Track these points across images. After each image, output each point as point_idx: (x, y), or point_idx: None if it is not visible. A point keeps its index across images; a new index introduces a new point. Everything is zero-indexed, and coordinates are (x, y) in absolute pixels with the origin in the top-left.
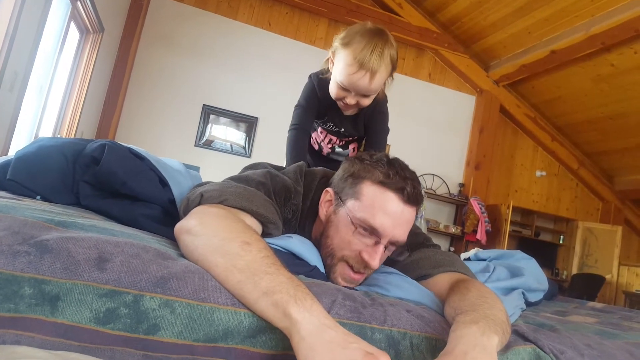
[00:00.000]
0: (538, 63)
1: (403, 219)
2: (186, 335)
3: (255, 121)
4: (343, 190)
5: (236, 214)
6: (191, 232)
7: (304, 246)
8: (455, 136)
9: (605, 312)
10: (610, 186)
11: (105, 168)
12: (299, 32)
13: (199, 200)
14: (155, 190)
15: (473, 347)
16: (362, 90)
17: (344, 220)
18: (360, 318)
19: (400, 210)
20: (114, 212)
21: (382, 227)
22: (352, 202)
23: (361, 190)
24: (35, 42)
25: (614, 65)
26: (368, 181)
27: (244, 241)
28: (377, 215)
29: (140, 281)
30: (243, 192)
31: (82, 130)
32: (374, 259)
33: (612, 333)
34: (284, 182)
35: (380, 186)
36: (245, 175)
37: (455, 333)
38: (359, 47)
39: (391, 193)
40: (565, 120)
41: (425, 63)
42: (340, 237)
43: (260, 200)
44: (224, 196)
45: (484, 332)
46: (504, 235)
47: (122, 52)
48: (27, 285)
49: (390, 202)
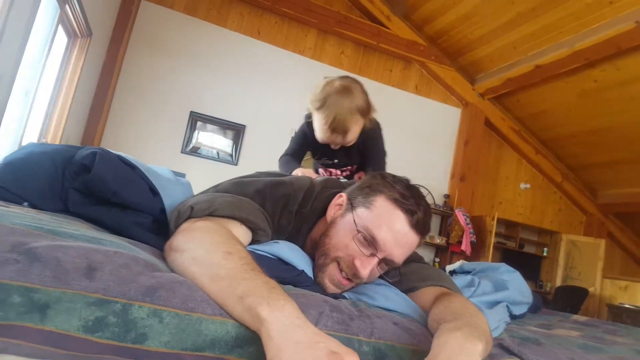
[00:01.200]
0: (523, 77)
1: (405, 241)
2: (174, 345)
3: (242, 129)
4: (356, 197)
5: (225, 223)
6: (178, 249)
7: (291, 251)
8: (441, 148)
9: (588, 326)
10: (593, 199)
11: (96, 176)
12: (288, 42)
13: (189, 213)
14: (146, 199)
15: (457, 353)
16: (340, 144)
17: (349, 224)
18: (347, 330)
19: (405, 232)
20: (104, 220)
21: (383, 241)
22: (361, 210)
23: (374, 202)
24: (22, 46)
25: (597, 81)
26: (383, 195)
27: (226, 251)
28: (382, 228)
29: (129, 290)
30: (232, 200)
31: (68, 135)
32: (365, 268)
33: (596, 347)
34: (285, 191)
35: (393, 203)
36: (248, 181)
37: (439, 339)
38: (328, 113)
39: (401, 213)
40: (550, 134)
41: (412, 75)
42: (339, 239)
43: (250, 208)
44: (214, 206)
45: (468, 338)
46: (489, 247)
47: (109, 57)
48: (16, 294)
49: (398, 221)
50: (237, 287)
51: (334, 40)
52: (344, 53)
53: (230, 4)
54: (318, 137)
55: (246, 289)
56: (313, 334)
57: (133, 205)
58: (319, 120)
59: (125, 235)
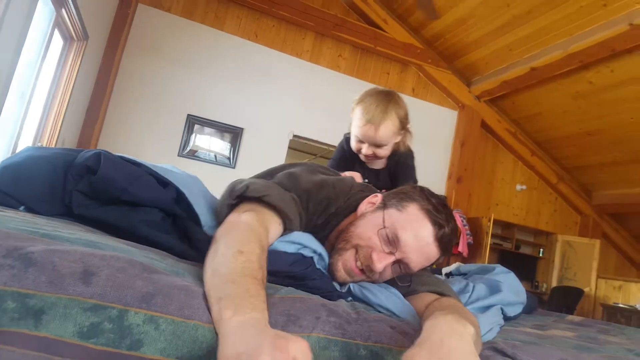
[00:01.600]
0: (518, 79)
1: (425, 251)
2: (170, 352)
3: (240, 132)
4: (390, 199)
5: (268, 215)
6: (215, 239)
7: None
8: (438, 150)
9: (583, 326)
10: (588, 200)
11: (103, 176)
12: (285, 45)
13: (243, 190)
14: (157, 191)
15: (449, 334)
16: (371, 139)
17: (377, 219)
18: (344, 334)
19: (428, 242)
20: (111, 219)
21: (405, 242)
22: (393, 210)
23: (406, 207)
24: (18, 49)
25: (592, 83)
26: (417, 204)
27: (238, 250)
28: (407, 230)
29: (125, 296)
30: (284, 197)
31: (64, 138)
32: (381, 262)
33: (590, 347)
34: (328, 194)
35: (424, 212)
36: (297, 177)
37: (428, 322)
38: (366, 105)
39: (429, 223)
40: (545, 136)
41: (409, 78)
42: (364, 229)
43: (294, 209)
44: (266, 193)
45: (459, 320)
46: (485, 248)
47: (106, 61)
48: (10, 299)
49: (424, 230)
50: (223, 287)
51: (332, 43)
52: (342, 56)
53: (228, 7)
54: (353, 133)
55: (227, 292)
56: (265, 327)
57: (144, 201)
58: (357, 113)
59: (133, 234)
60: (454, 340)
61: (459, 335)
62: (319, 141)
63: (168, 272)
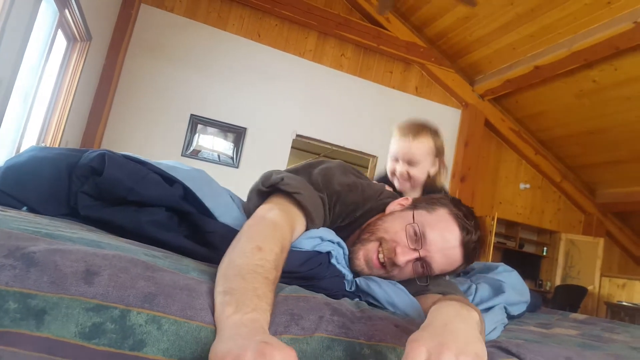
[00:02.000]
0: (522, 78)
1: (449, 254)
2: (172, 353)
3: (243, 131)
4: (420, 202)
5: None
6: (242, 231)
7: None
8: None
9: (587, 324)
10: (592, 199)
11: (109, 177)
12: (288, 44)
13: (277, 181)
14: (165, 189)
15: (453, 317)
16: (406, 154)
17: (405, 216)
18: (348, 334)
19: (454, 245)
20: (117, 220)
21: (431, 241)
22: (422, 211)
23: (436, 210)
24: (21, 50)
25: (596, 82)
26: (446, 209)
27: (258, 245)
28: (435, 230)
29: (128, 296)
30: (315, 200)
31: (67, 139)
32: (404, 257)
33: (594, 345)
34: (356, 199)
35: (453, 217)
36: (330, 177)
37: (434, 307)
38: (404, 124)
39: (457, 228)
40: (549, 135)
41: (412, 77)
42: (391, 224)
43: (320, 212)
44: (299, 190)
45: (464, 306)
46: (489, 247)
47: (109, 61)
48: (11, 300)
49: (452, 233)
50: (232, 281)
51: (334, 42)
52: (345, 55)
53: (230, 6)
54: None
55: (234, 286)
56: (255, 330)
57: (152, 199)
58: (394, 132)
59: (140, 234)
60: (457, 323)
61: (462, 319)
62: (322, 140)
63: (172, 269)
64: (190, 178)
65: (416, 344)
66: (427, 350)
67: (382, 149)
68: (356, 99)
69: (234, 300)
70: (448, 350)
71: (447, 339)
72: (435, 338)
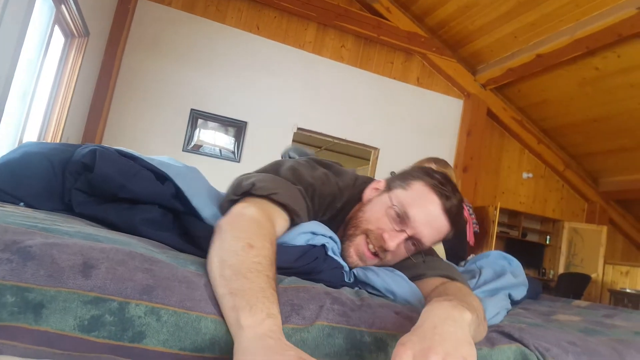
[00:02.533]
0: (524, 67)
1: (436, 224)
2: (172, 344)
3: (244, 125)
4: (394, 181)
5: (275, 211)
6: (220, 229)
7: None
8: (443, 139)
9: (589, 310)
10: (595, 187)
11: (100, 174)
12: (287, 36)
13: (249, 188)
14: (156, 187)
15: (443, 320)
16: None
17: (383, 201)
18: (349, 322)
19: (437, 215)
20: (111, 218)
21: (414, 217)
22: (398, 190)
23: (411, 185)
24: (18, 47)
25: (598, 69)
26: (421, 181)
27: (248, 243)
28: (415, 206)
29: (126, 288)
30: (291, 193)
31: (68, 135)
32: (393, 240)
33: (596, 330)
34: (332, 190)
35: (429, 187)
36: (300, 172)
37: (425, 308)
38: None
39: (436, 197)
40: (551, 123)
41: (413, 67)
42: (372, 213)
43: (302, 204)
44: (274, 190)
45: (456, 307)
46: (492, 237)
47: (108, 57)
48: (9, 294)
49: (432, 203)
50: (234, 281)
51: (334, 33)
52: (345, 46)
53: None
54: None
55: (240, 287)
56: (284, 343)
57: (143, 197)
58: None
59: (134, 233)
60: (447, 326)
61: (453, 321)
62: (323, 133)
63: (170, 262)
64: (181, 176)
65: (402, 348)
66: (412, 354)
67: (383, 141)
68: (357, 90)
69: (244, 304)
70: (435, 354)
71: (435, 342)
72: (423, 341)
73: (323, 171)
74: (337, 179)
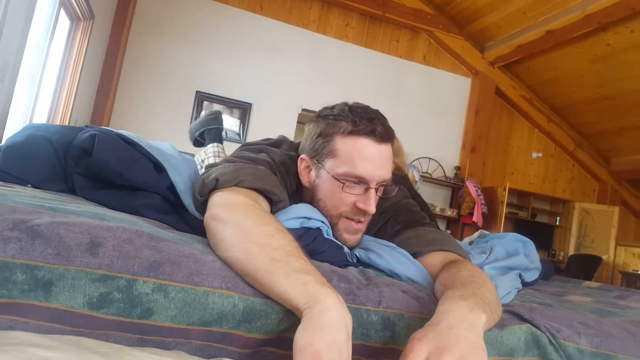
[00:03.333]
0: (534, 43)
1: (382, 159)
2: (180, 320)
3: (249, 107)
4: (317, 152)
5: (253, 196)
6: (222, 218)
7: (307, 208)
8: (451, 119)
9: (601, 291)
10: (606, 167)
11: (97, 159)
12: (291, 16)
13: (214, 184)
14: (152, 178)
15: (460, 322)
16: None
17: (329, 181)
18: (355, 300)
19: (378, 151)
20: (112, 204)
21: (366, 172)
22: (330, 161)
23: (335, 146)
24: (25, 31)
25: (611, 45)
26: (338, 135)
27: (278, 228)
28: (357, 164)
29: (133, 266)
30: (256, 172)
31: (76, 118)
32: (370, 205)
33: (609, 311)
34: (281, 156)
35: (351, 136)
36: (248, 156)
37: (442, 306)
38: None
39: (364, 139)
40: (561, 102)
41: (419, 45)
42: (331, 198)
43: (272, 180)
44: (240, 178)
45: (472, 309)
46: (500, 218)
47: (113, 39)
48: (19, 272)
49: (366, 147)
50: (294, 261)
51: (339, 12)
52: (349, 25)
53: None
54: None
55: (304, 267)
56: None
57: (139, 185)
58: None
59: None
60: (462, 329)
61: (468, 325)
62: None
63: (176, 240)
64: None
65: (418, 343)
66: (428, 350)
67: (389, 121)
68: (362, 70)
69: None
70: (450, 354)
71: (450, 343)
72: (439, 340)
73: (260, 147)
74: (276, 149)
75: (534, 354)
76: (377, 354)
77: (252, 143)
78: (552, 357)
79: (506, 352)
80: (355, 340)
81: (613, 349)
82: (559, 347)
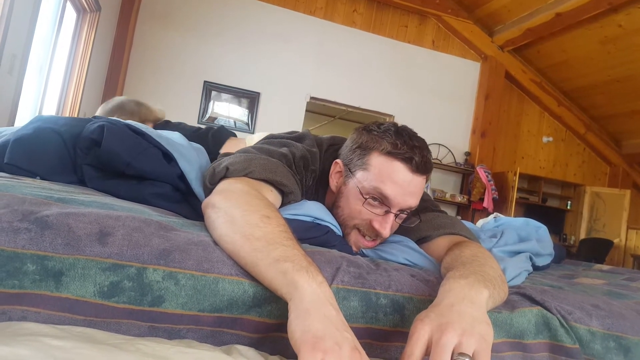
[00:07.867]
0: (543, 26)
1: (412, 188)
2: (191, 306)
3: (257, 96)
4: (352, 161)
5: (260, 186)
6: (215, 205)
7: (319, 209)
8: (461, 104)
9: (612, 274)
10: (618, 150)
11: (106, 150)
12: (298, 3)
13: (224, 173)
14: (162, 167)
15: (461, 299)
16: None
17: (354, 192)
18: (364, 284)
19: (410, 180)
20: (121, 193)
21: (392, 195)
22: (361, 173)
23: (369, 161)
24: (32, 24)
25: (622, 26)
26: (376, 152)
27: (264, 214)
28: (386, 184)
29: (142, 254)
30: (267, 164)
31: (85, 110)
32: (385, 228)
33: (621, 294)
34: (302, 151)
35: (388, 156)
36: (267, 148)
37: (444, 287)
38: None
39: (399, 163)
40: (572, 85)
41: (428, 30)
42: (350, 208)
43: (283, 172)
44: (250, 168)
45: (473, 286)
46: (511, 203)
47: (120, 31)
48: (29, 262)
49: (399, 172)
50: (273, 250)
51: None
52: (357, 11)
53: None
54: None
55: (284, 254)
56: (342, 321)
57: (149, 175)
58: None
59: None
60: (464, 306)
61: (470, 302)
62: (336, 102)
63: (185, 229)
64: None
65: (420, 324)
66: (430, 329)
67: (398, 108)
68: (370, 56)
69: (298, 267)
70: (453, 329)
71: (452, 319)
72: (441, 318)
73: (283, 141)
74: (298, 143)
75: (544, 336)
76: (387, 337)
77: (276, 136)
78: (563, 339)
79: (516, 334)
80: (365, 323)
81: (624, 331)
82: (570, 329)
